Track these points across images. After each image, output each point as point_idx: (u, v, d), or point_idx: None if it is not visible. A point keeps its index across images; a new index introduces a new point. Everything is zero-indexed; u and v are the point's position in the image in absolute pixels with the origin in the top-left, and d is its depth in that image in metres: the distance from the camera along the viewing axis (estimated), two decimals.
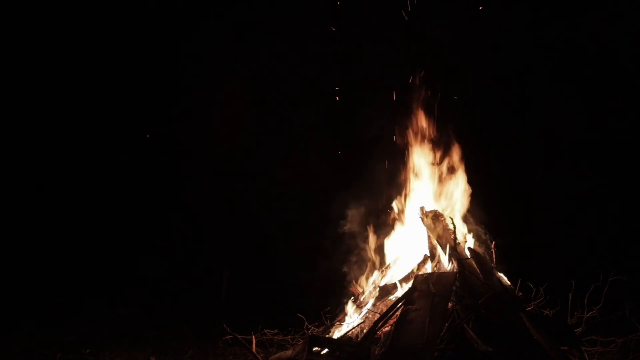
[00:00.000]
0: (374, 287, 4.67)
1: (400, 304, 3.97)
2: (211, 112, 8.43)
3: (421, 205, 4.69)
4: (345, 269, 5.16)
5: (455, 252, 4.23)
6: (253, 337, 4.12)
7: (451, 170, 4.95)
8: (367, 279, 4.89)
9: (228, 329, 4.13)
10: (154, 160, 8.56)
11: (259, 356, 3.98)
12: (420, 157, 5.06)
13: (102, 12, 8.17)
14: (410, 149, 5.11)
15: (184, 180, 8.49)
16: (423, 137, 5.09)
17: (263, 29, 8.05)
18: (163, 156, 8.59)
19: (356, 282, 4.90)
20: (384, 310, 4.11)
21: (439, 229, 4.48)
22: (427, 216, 4.59)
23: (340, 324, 4.56)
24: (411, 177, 5.06)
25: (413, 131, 5.13)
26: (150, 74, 8.38)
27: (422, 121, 5.13)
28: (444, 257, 4.33)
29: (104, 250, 8.19)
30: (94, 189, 8.47)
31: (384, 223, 5.09)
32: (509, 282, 4.40)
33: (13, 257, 7.74)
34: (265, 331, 4.64)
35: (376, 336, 3.94)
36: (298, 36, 7.58)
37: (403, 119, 5.26)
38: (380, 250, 5.00)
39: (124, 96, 8.47)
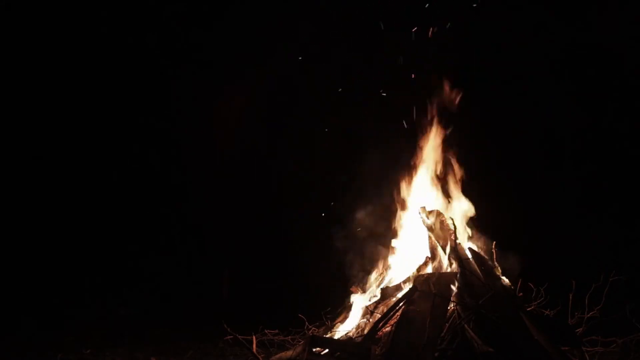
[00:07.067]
0: (375, 288, 4.66)
1: (401, 304, 3.96)
2: (210, 112, 8.42)
3: (422, 205, 4.68)
4: (346, 269, 5.15)
5: (455, 252, 4.23)
6: (254, 337, 4.12)
7: (454, 172, 4.93)
8: (368, 279, 4.88)
9: (228, 329, 4.12)
10: (154, 159, 8.55)
11: (259, 356, 3.98)
12: (423, 159, 5.05)
13: (101, 11, 8.16)
14: (413, 151, 5.10)
15: (184, 180, 8.48)
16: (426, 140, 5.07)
17: (263, 29, 8.05)
18: (163, 156, 8.58)
19: (357, 282, 4.89)
20: (385, 310, 4.11)
21: (440, 229, 4.48)
22: (428, 216, 4.58)
23: (341, 324, 4.55)
24: (413, 178, 5.05)
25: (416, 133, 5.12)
26: (152, 71, 8.37)
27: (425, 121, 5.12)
28: (444, 258, 4.33)
29: (104, 250, 8.18)
30: (95, 188, 8.46)
31: (385, 223, 5.08)
32: (509, 282, 4.40)
33: (13, 257, 7.73)
34: (266, 331, 4.64)
35: (377, 336, 3.94)
36: (297, 35, 7.58)
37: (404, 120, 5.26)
38: (381, 250, 4.99)
39: (124, 95, 8.46)
